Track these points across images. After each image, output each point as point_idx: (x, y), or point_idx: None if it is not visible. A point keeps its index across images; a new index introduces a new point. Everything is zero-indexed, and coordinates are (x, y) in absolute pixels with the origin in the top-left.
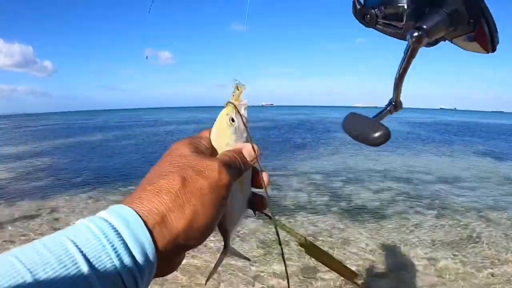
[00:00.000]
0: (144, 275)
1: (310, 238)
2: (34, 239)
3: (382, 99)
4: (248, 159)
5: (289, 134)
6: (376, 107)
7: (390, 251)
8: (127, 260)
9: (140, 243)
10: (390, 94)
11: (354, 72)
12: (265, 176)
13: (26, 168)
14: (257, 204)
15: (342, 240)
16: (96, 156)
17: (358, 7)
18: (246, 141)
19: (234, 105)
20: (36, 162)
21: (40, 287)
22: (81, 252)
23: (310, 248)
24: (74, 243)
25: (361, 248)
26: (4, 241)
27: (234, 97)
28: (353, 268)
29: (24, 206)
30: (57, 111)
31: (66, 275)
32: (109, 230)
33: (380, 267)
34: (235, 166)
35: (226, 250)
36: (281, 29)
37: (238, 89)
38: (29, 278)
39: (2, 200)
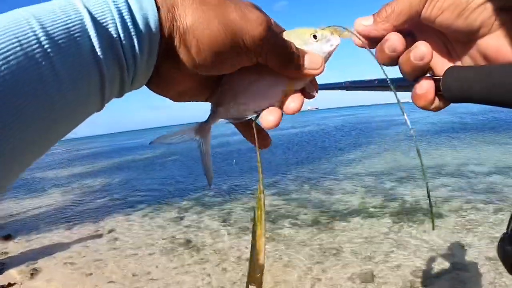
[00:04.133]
0: (144, 45)
1: (366, 244)
2: (97, 260)
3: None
4: (306, 65)
5: (337, 136)
6: None
7: (447, 250)
8: (129, 21)
9: (144, 12)
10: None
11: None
12: (298, 98)
13: (82, 190)
14: (258, 131)
15: (397, 242)
16: (148, 174)
17: None
18: None
19: (336, 30)
20: (92, 183)
21: (43, 31)
22: (87, 8)
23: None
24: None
25: (417, 249)
26: (65, 263)
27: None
28: (411, 270)
29: (83, 228)
30: (103, 134)
31: (67, 23)
32: None
33: (438, 267)
34: (280, 44)
35: (206, 123)
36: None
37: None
38: (34, 23)
39: (62, 223)
